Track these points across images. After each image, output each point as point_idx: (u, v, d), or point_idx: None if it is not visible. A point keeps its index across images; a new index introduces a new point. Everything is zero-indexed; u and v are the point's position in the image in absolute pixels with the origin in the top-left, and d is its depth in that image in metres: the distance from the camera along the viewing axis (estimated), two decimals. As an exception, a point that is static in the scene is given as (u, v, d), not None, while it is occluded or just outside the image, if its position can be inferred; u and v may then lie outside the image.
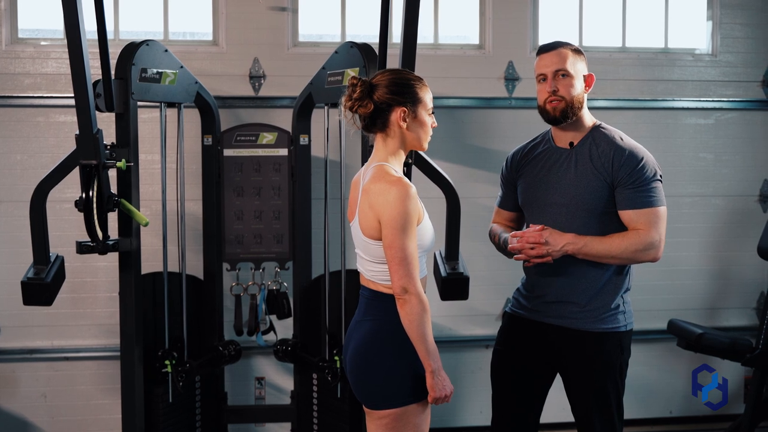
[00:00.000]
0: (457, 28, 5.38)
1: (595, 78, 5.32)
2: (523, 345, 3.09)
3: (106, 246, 3.81)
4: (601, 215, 2.93)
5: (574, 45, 3.07)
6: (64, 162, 3.88)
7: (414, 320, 2.71)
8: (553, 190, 2.99)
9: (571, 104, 2.97)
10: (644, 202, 2.90)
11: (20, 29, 4.98)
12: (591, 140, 2.99)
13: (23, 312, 4.31)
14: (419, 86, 2.87)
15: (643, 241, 2.90)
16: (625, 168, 2.90)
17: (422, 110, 2.87)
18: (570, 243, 2.86)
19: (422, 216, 2.83)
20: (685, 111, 5.47)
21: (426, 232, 2.84)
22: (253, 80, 5.04)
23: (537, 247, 2.86)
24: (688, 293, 5.49)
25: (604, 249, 2.88)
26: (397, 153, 2.89)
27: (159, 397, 4.23)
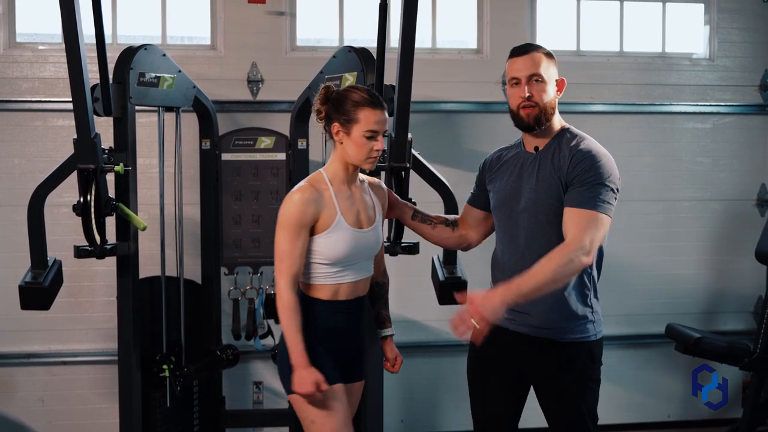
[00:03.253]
0: (455, 32, 5.39)
1: (593, 82, 5.33)
2: (496, 353, 3.05)
3: (104, 250, 3.80)
4: (560, 218, 2.87)
5: (547, 48, 3.02)
6: (62, 166, 3.87)
7: (280, 315, 2.97)
8: (519, 196, 2.95)
9: (544, 110, 2.93)
10: (587, 202, 2.78)
11: (18, 33, 4.98)
12: (556, 144, 2.95)
13: (21, 316, 4.30)
14: (361, 108, 2.96)
15: (569, 252, 2.73)
16: (580, 167, 2.82)
17: (357, 130, 2.96)
18: (504, 296, 2.71)
19: (328, 224, 2.97)
20: (682, 115, 5.48)
21: (330, 246, 2.98)
22: (251, 84, 5.04)
23: (469, 315, 2.71)
24: (686, 297, 5.49)
25: (536, 281, 2.72)
26: (335, 163, 3.04)
27: (157, 401, 4.23)
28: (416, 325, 5.14)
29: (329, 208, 2.99)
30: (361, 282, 3.11)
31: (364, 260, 3.09)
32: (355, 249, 3.02)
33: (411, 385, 5.24)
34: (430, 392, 5.26)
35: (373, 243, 3.10)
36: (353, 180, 3.09)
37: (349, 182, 3.08)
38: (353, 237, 3.01)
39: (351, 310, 3.10)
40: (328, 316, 3.06)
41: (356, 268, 3.06)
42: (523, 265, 2.89)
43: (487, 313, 2.69)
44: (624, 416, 5.47)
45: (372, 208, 3.13)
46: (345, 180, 3.06)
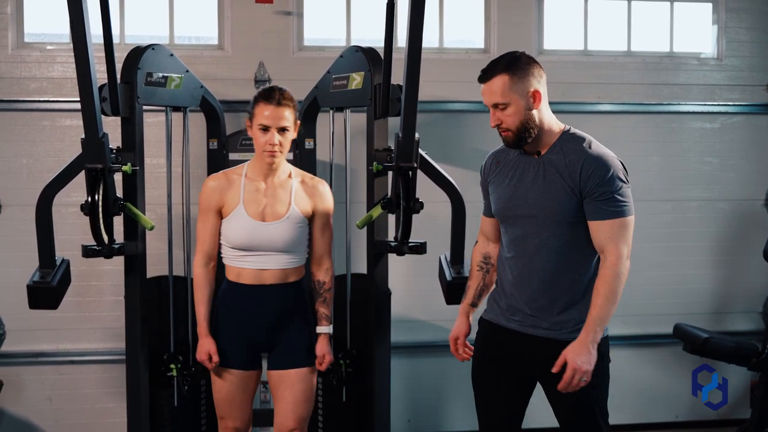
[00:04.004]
0: (462, 32, 5.39)
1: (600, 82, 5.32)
2: (500, 353, 3.04)
3: (112, 250, 3.82)
4: (570, 225, 2.86)
5: (516, 60, 2.88)
6: (70, 166, 3.88)
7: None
8: (523, 201, 2.92)
9: (518, 130, 2.87)
10: (611, 213, 2.82)
11: (26, 33, 5.00)
12: (559, 148, 2.90)
13: (29, 315, 4.31)
14: (256, 103, 3.30)
15: (615, 268, 2.81)
16: (593, 179, 2.82)
17: (255, 124, 3.29)
18: (589, 342, 2.79)
19: (230, 211, 3.30)
20: (690, 115, 5.47)
21: (228, 231, 3.32)
22: (259, 84, 5.04)
23: (577, 375, 2.78)
24: (694, 297, 5.48)
25: (606, 309, 2.80)
26: (255, 157, 3.37)
27: (164, 400, 4.24)
28: (423, 325, 5.14)
29: (234, 197, 3.31)
30: (269, 272, 3.33)
31: (270, 251, 3.30)
32: (252, 238, 3.28)
33: (418, 385, 5.24)
34: (437, 392, 5.26)
35: (275, 236, 3.29)
36: (272, 174, 3.34)
37: (266, 175, 3.34)
38: (251, 227, 3.28)
39: (256, 296, 3.33)
40: (232, 296, 3.37)
41: (261, 258, 3.31)
42: (532, 269, 2.91)
43: (587, 365, 2.78)
44: (631, 417, 5.46)
45: (287, 203, 3.33)
46: (261, 172, 3.35)
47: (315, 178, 3.49)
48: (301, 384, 3.41)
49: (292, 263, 3.38)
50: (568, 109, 5.31)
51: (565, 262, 2.89)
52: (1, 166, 4.91)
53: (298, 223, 3.35)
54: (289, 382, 3.40)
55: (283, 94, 3.30)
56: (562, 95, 5.31)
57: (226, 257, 3.40)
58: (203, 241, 3.38)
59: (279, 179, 3.37)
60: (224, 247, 3.38)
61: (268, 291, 3.35)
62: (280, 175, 3.38)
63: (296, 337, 3.42)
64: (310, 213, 3.40)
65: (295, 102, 3.37)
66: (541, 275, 2.91)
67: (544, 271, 2.90)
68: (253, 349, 3.42)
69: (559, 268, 2.89)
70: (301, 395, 3.41)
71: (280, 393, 3.42)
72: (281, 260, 3.35)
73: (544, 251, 2.89)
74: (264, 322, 3.38)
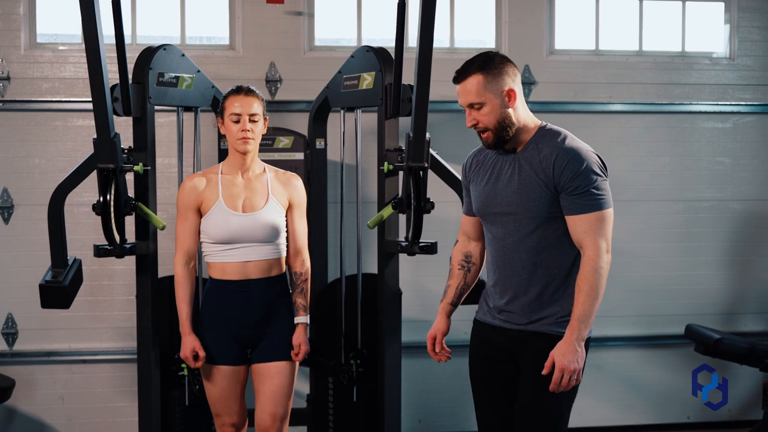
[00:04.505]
0: (473, 32, 5.38)
1: (612, 81, 5.31)
2: (494, 352, 3.04)
3: (124, 249, 3.83)
4: (548, 220, 2.86)
5: (491, 59, 2.87)
6: (82, 166, 3.90)
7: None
8: (500, 199, 2.92)
9: (497, 129, 2.86)
10: (587, 207, 2.80)
11: (39, 34, 5.02)
12: (534, 144, 2.89)
13: (41, 315, 4.33)
14: (226, 98, 3.45)
15: (595, 263, 2.80)
16: (567, 173, 2.79)
17: (226, 118, 3.43)
18: (574, 340, 2.77)
19: (209, 207, 3.41)
20: (702, 115, 5.44)
21: (209, 226, 3.42)
22: (270, 84, 5.05)
23: (568, 375, 2.77)
24: (706, 298, 5.46)
25: (589, 305, 2.79)
26: (229, 154, 3.50)
27: (175, 400, 4.25)
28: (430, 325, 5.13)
29: (212, 194, 3.43)
30: (252, 264, 3.43)
31: (251, 242, 3.41)
32: (233, 231, 3.39)
33: (429, 385, 5.24)
34: (447, 392, 5.25)
35: (256, 226, 3.40)
36: (247, 168, 3.48)
37: (242, 170, 3.48)
38: (231, 219, 3.39)
39: (242, 290, 3.43)
40: (217, 294, 3.45)
41: (244, 250, 3.41)
42: (512, 266, 2.91)
43: (575, 363, 2.77)
44: (643, 417, 5.45)
45: (264, 195, 3.46)
46: (236, 168, 3.48)
47: (288, 172, 3.62)
48: (279, 377, 3.50)
49: (273, 254, 3.48)
50: (579, 109, 5.32)
51: (545, 257, 2.89)
52: (14, 165, 4.93)
53: (277, 213, 3.47)
54: (269, 375, 3.50)
55: (250, 88, 3.47)
56: (573, 95, 5.31)
57: (209, 254, 3.48)
58: (183, 241, 3.48)
59: (254, 173, 3.51)
60: (206, 244, 3.48)
61: (252, 286, 3.45)
62: (254, 169, 3.52)
63: (278, 331, 3.52)
64: (287, 204, 3.53)
65: (263, 99, 3.52)
66: (521, 272, 2.90)
67: (524, 267, 2.90)
68: (240, 344, 3.50)
69: (539, 263, 2.89)
70: (279, 389, 3.51)
71: (260, 386, 3.52)
72: (263, 251, 3.45)
73: (523, 248, 2.89)
74: (249, 318, 3.47)
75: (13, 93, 4.92)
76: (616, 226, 5.43)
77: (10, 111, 4.92)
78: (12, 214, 4.94)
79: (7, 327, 4.95)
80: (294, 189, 3.56)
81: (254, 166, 3.51)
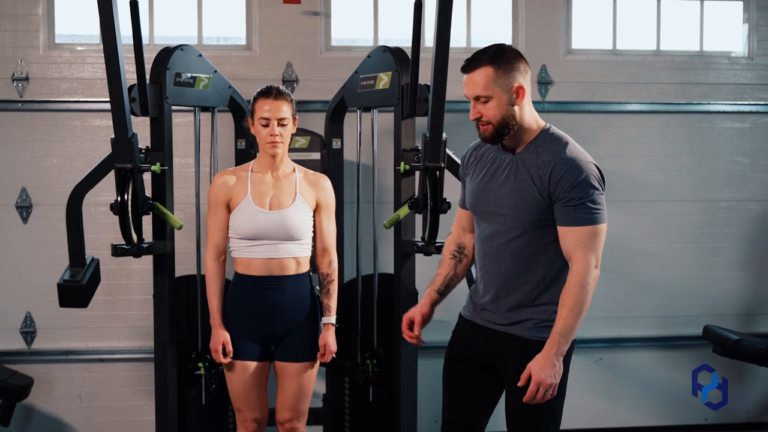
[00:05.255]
0: (489, 31, 5.37)
1: (629, 81, 5.28)
2: (470, 351, 3.03)
3: (141, 249, 3.85)
4: (538, 227, 2.80)
5: (502, 52, 2.79)
6: (100, 166, 3.92)
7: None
8: (493, 199, 2.88)
9: (498, 125, 2.80)
10: (580, 220, 2.72)
11: (57, 35, 5.04)
12: (534, 147, 2.82)
13: (59, 314, 4.35)
14: (256, 101, 3.49)
15: (582, 278, 2.72)
16: (563, 183, 2.72)
17: (255, 120, 3.47)
18: (553, 355, 2.72)
19: (238, 203, 3.48)
20: (720, 115, 5.41)
21: (236, 221, 3.48)
22: (286, 84, 5.06)
23: (544, 389, 2.71)
24: (724, 299, 5.42)
25: (572, 320, 2.72)
26: (260, 153, 3.55)
27: (192, 399, 4.26)
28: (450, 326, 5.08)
29: (241, 190, 3.49)
30: (276, 261, 3.47)
31: (276, 239, 3.45)
32: (259, 227, 3.44)
33: (445, 385, 5.23)
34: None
35: (282, 224, 3.44)
36: (276, 167, 3.52)
37: (272, 169, 3.52)
38: (258, 215, 3.44)
39: (266, 287, 3.48)
40: (242, 289, 3.51)
41: (269, 247, 3.46)
42: (497, 267, 2.88)
43: (551, 378, 2.71)
44: (660, 419, 5.42)
45: (292, 194, 3.50)
46: (266, 167, 3.52)
47: (317, 173, 3.65)
48: (299, 378, 3.56)
49: (298, 252, 3.51)
50: (596, 108, 5.30)
51: (530, 263, 2.84)
52: (33, 165, 4.96)
53: (304, 213, 3.51)
54: (290, 374, 3.56)
55: (279, 90, 3.50)
56: (590, 95, 5.29)
57: (235, 249, 3.53)
58: (213, 236, 3.54)
59: (284, 172, 3.55)
60: (233, 239, 3.53)
61: (276, 282, 3.49)
62: (284, 168, 3.56)
63: (301, 330, 3.56)
64: (314, 204, 3.56)
65: (292, 98, 3.54)
66: (505, 274, 2.87)
67: (508, 270, 2.86)
68: (263, 340, 3.54)
69: (524, 268, 2.84)
70: (298, 388, 3.57)
71: (280, 384, 3.59)
72: (287, 249, 3.48)
73: (510, 251, 2.85)
74: (272, 314, 3.50)
75: (32, 93, 4.95)
76: (633, 226, 5.46)
77: (29, 111, 4.95)
78: (31, 213, 4.97)
79: (26, 326, 4.98)
80: (322, 190, 3.59)
81: (283, 166, 3.56)
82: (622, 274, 5.29)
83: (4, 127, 4.94)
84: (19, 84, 4.93)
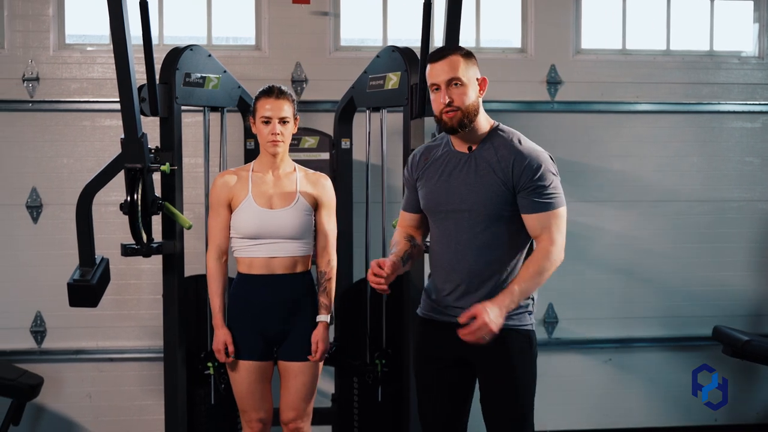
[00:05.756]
0: (498, 31, 5.37)
1: (639, 81, 5.26)
2: (436, 350, 3.05)
3: (150, 249, 3.85)
4: (504, 219, 2.89)
5: (465, 49, 2.97)
6: (110, 166, 3.92)
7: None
8: (455, 196, 2.94)
9: (467, 113, 2.89)
10: (544, 205, 2.86)
11: (67, 35, 5.06)
12: (490, 144, 2.94)
13: (69, 313, 4.36)
14: (257, 100, 3.53)
15: (552, 254, 2.85)
16: (526, 174, 2.85)
17: (257, 119, 3.51)
18: (505, 306, 2.78)
19: (239, 202, 3.49)
20: (731, 114, 5.39)
21: (238, 220, 3.50)
22: (295, 84, 5.07)
23: (486, 331, 2.73)
24: (734, 299, 5.41)
25: (532, 285, 2.85)
26: (261, 153, 3.57)
27: (201, 398, 4.27)
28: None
29: (243, 189, 3.51)
30: (278, 260, 3.50)
31: (278, 238, 3.47)
32: (261, 226, 3.46)
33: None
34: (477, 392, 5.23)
35: (283, 223, 3.47)
36: (277, 167, 3.55)
37: (272, 168, 3.55)
38: (259, 214, 3.46)
39: (268, 286, 3.50)
40: (244, 288, 3.53)
41: (270, 246, 3.49)
42: (464, 264, 2.92)
43: (494, 325, 2.74)
44: (669, 419, 5.40)
45: (293, 193, 3.53)
46: (267, 166, 3.55)
47: (317, 172, 3.68)
48: (302, 377, 3.57)
49: (299, 251, 3.53)
50: (605, 108, 5.29)
51: (497, 255, 2.92)
52: (43, 165, 4.98)
53: (304, 211, 3.53)
54: (292, 373, 3.57)
55: (281, 90, 3.53)
56: (600, 95, 5.28)
57: (237, 249, 3.55)
58: (215, 236, 3.57)
59: (284, 171, 3.58)
60: (235, 239, 3.55)
61: (278, 281, 3.50)
62: (285, 168, 3.59)
63: (302, 330, 3.56)
64: (315, 203, 3.58)
65: (294, 98, 3.57)
66: (472, 269, 2.92)
67: (476, 264, 2.91)
68: (266, 339, 3.55)
69: (491, 261, 2.91)
70: (302, 387, 3.58)
71: (284, 384, 3.60)
72: (289, 248, 3.51)
73: (475, 245, 2.91)
74: (273, 313, 3.52)
75: (42, 93, 4.96)
76: (642, 227, 5.45)
77: (40, 111, 4.97)
78: (41, 213, 4.99)
79: (36, 325, 5.00)
80: (322, 189, 3.61)
81: (284, 165, 3.58)
82: (632, 274, 5.29)
83: (14, 127, 4.96)
84: (29, 84, 4.95)
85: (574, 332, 5.30)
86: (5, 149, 4.96)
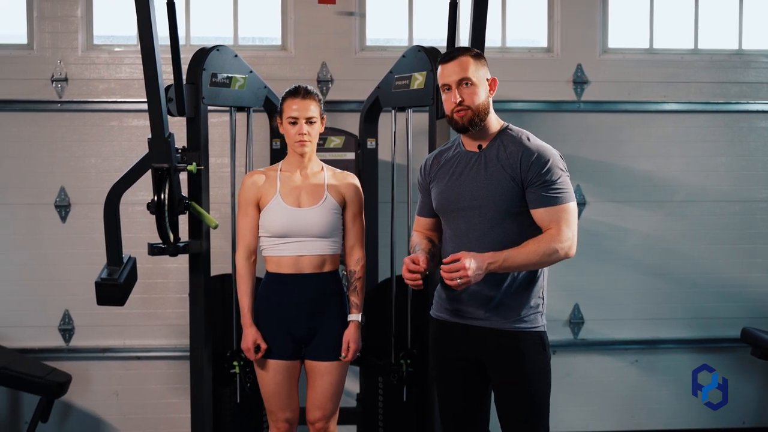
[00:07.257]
0: (525, 31, 5.35)
1: (666, 80, 5.22)
2: (452, 351, 3.06)
3: (177, 248, 3.87)
4: (513, 215, 2.92)
5: (475, 50, 3.01)
6: (137, 165, 3.95)
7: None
8: (466, 194, 2.97)
9: (477, 112, 2.94)
10: (554, 200, 2.88)
11: (95, 36, 5.11)
12: (499, 142, 2.98)
13: (97, 312, 4.40)
14: (284, 100, 3.55)
15: (557, 241, 2.86)
16: (534, 168, 2.89)
17: (284, 119, 3.53)
18: (491, 262, 2.81)
19: (268, 202, 3.51)
20: (760, 114, 5.34)
21: (267, 219, 3.51)
22: (321, 84, 5.08)
23: (462, 275, 2.77)
24: (763, 301, 5.35)
25: (523, 259, 2.85)
26: (289, 152, 3.59)
27: (227, 397, 4.29)
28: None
29: (271, 189, 3.52)
30: (306, 258, 3.50)
31: (305, 237, 3.50)
32: (289, 224, 3.47)
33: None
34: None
35: (311, 221, 3.48)
36: (305, 166, 3.56)
37: (300, 168, 3.56)
38: (288, 213, 3.48)
39: (296, 285, 3.50)
40: (272, 287, 3.54)
41: (298, 245, 3.49)
42: None
43: (474, 274, 2.76)
44: (696, 421, 5.36)
45: (321, 191, 3.53)
46: (295, 166, 3.56)
47: (345, 172, 3.68)
48: (329, 377, 3.57)
49: (327, 250, 3.53)
50: (632, 108, 5.25)
51: None
52: (72, 165, 5.03)
53: (332, 210, 3.53)
54: (319, 373, 3.57)
55: (307, 89, 3.54)
56: (627, 94, 5.24)
57: (265, 248, 3.56)
58: (244, 235, 3.58)
59: (312, 171, 3.59)
60: (263, 238, 3.56)
61: (306, 280, 3.51)
62: (312, 167, 3.59)
63: (330, 330, 3.56)
64: (342, 202, 3.58)
65: (320, 98, 3.58)
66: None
67: None
68: (294, 339, 3.55)
69: None
70: (329, 387, 3.58)
71: (310, 383, 3.60)
72: (317, 246, 3.51)
73: (486, 242, 2.92)
74: (302, 312, 3.52)
75: (71, 94, 5.01)
76: (670, 227, 5.41)
77: (68, 111, 5.02)
78: (69, 212, 5.04)
79: (64, 323, 5.05)
80: (350, 188, 3.61)
81: (312, 165, 3.59)
82: (659, 274, 5.25)
83: (43, 128, 5.01)
84: (58, 85, 4.99)
85: (601, 333, 5.27)
86: (34, 149, 5.02)
